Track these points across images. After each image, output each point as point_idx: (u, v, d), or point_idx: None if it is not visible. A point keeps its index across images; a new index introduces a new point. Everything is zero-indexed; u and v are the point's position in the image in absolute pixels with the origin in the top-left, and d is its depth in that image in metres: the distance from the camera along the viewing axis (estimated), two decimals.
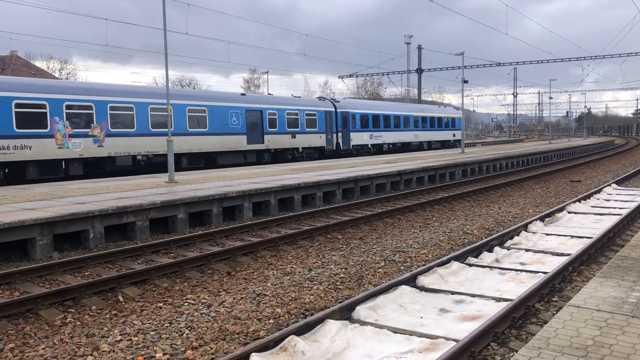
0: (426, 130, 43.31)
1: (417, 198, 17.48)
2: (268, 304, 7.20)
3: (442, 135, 46.25)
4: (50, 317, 6.92)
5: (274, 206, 14.81)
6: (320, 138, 31.98)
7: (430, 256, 9.86)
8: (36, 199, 12.51)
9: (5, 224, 9.35)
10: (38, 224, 9.84)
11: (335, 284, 8.11)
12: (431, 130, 44.03)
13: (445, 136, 46.87)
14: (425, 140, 43.28)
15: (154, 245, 10.32)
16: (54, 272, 8.67)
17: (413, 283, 7.60)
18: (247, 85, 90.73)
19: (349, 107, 35.44)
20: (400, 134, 39.62)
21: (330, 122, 32.82)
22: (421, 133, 42.60)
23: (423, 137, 42.87)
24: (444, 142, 46.89)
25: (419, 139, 42.15)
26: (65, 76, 60.59)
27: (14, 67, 49.49)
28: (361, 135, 35.51)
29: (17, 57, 53.81)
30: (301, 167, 22.98)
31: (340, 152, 33.42)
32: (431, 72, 66.87)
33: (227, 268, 9.23)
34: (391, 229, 12.66)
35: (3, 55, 52.61)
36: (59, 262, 8.96)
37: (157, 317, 6.80)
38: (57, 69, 61.62)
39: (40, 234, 9.89)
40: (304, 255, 10.13)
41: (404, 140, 40.05)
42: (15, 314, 6.91)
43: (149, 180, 17.26)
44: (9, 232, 9.46)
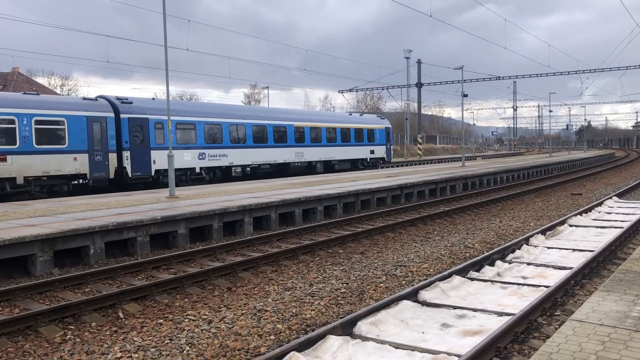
0: (320, 146, 32.38)
1: (418, 212, 17.45)
2: (269, 319, 7.16)
3: (351, 153, 35.14)
4: (50, 334, 6.88)
5: (275, 221, 14.79)
6: (74, 161, 20.44)
7: (431, 270, 9.82)
8: (37, 215, 12.50)
9: (5, 240, 9.34)
10: (38, 240, 9.82)
11: (337, 299, 8.07)
12: (331, 147, 33.19)
13: (358, 153, 35.72)
14: (320, 159, 32.34)
15: (154, 261, 10.29)
16: (54, 289, 8.63)
17: (415, 298, 7.56)
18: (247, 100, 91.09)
19: (150, 110, 23.21)
20: (266, 151, 28.58)
21: (100, 133, 21.28)
22: (310, 150, 31.42)
23: (314, 155, 31.65)
24: (356, 161, 35.76)
25: (305, 158, 30.97)
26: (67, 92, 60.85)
27: (16, 84, 49.73)
28: (179, 155, 23.17)
29: (19, 74, 54.12)
30: (302, 182, 22.98)
31: (129, 180, 22.07)
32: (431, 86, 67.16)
33: (228, 283, 9.19)
34: (392, 243, 12.63)
35: (5, 72, 52.94)
36: (59, 279, 8.93)
37: (157, 334, 6.76)
38: (59, 85, 61.96)
39: (40, 250, 9.87)
40: (305, 270, 10.09)
41: (274, 159, 29.03)
42: (15, 331, 6.88)
43: (149, 196, 17.26)
44: (9, 249, 9.44)
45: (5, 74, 52.71)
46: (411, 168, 37.09)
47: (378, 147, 37.75)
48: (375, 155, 37.38)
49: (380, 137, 38.18)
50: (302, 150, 30.95)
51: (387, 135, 39.24)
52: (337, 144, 33.94)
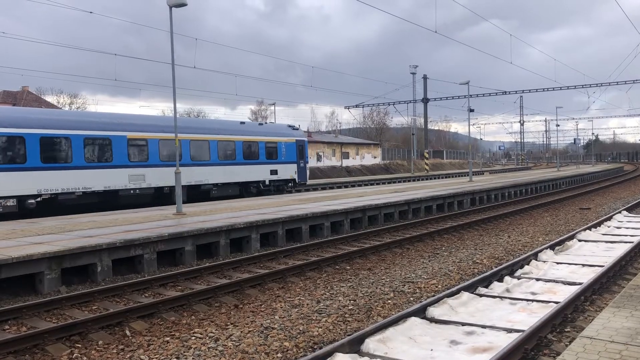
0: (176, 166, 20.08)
1: (426, 227, 17.38)
2: (276, 337, 7.11)
3: (239, 174, 26.65)
4: (57, 352, 6.86)
5: (282, 237, 14.77)
6: None
7: (439, 287, 9.75)
8: (45, 233, 12.55)
9: (13, 258, 9.37)
10: (46, 257, 9.85)
11: (344, 316, 8.01)
12: (201, 166, 24.60)
13: (250, 175, 27.34)
14: (181, 183, 20.14)
15: (161, 278, 10.28)
16: (62, 307, 8.63)
17: (423, 314, 7.50)
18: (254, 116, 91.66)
19: None
20: (68, 175, 19.74)
21: None
22: (158, 172, 22.67)
23: (165, 178, 22.55)
24: (248, 185, 27.33)
25: (148, 182, 22.32)
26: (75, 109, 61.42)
27: (25, 102, 50.31)
28: None
29: (28, 93, 54.79)
30: (309, 197, 22.97)
31: None
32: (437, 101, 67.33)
33: (235, 301, 9.16)
34: (400, 259, 12.56)
35: (14, 91, 53.58)
36: (66, 297, 8.93)
37: (164, 352, 6.73)
38: (67, 103, 62.59)
39: (48, 268, 9.89)
40: (312, 287, 10.04)
41: (85, 186, 20.23)
42: (22, 349, 6.86)
43: (157, 213, 17.30)
44: (17, 267, 9.46)
45: (15, 93, 53.35)
46: (418, 183, 37.02)
47: (284, 166, 29.47)
48: (280, 176, 29.14)
49: (289, 153, 29.96)
50: (143, 172, 22.24)
51: (300, 150, 30.78)
52: (211, 162, 25.22)
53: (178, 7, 16.50)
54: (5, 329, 7.69)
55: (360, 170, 68.37)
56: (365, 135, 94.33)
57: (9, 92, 53.13)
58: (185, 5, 16.36)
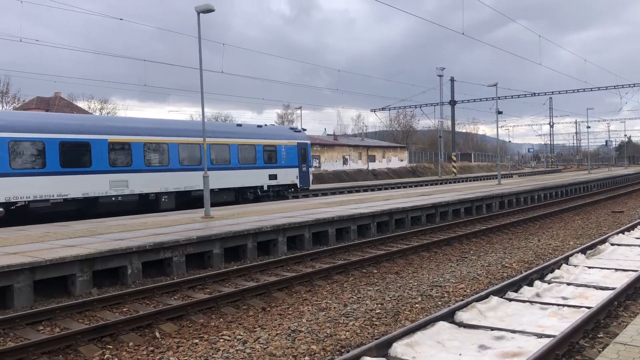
0: (164, 171, 22.32)
1: (454, 231, 17.22)
2: (303, 340, 7.13)
3: (234, 179, 24.97)
4: (89, 353, 7.00)
5: (308, 240, 14.80)
6: None
7: (468, 291, 9.65)
8: (77, 236, 12.81)
9: (47, 260, 9.59)
10: (78, 260, 10.06)
11: (371, 320, 7.99)
12: (190, 171, 23.04)
13: (247, 180, 25.74)
14: (165, 189, 22.13)
15: (190, 281, 10.40)
16: (93, 308, 8.80)
17: (451, 319, 7.43)
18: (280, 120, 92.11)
19: None
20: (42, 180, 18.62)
21: None
22: (143, 177, 21.55)
23: (151, 183, 21.73)
24: (244, 190, 25.69)
25: (131, 188, 21.05)
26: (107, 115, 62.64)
27: (58, 108, 51.55)
28: None
29: (61, 98, 56.13)
30: (335, 201, 22.98)
31: None
32: (464, 103, 66.67)
33: (262, 303, 9.21)
34: (427, 263, 12.47)
35: (48, 97, 54.93)
36: (97, 298, 9.11)
37: (193, 354, 6.81)
38: (98, 108, 63.85)
39: (80, 271, 10.10)
40: (339, 291, 10.04)
41: (59, 193, 18.98)
42: (56, 349, 7.02)
43: (185, 216, 17.52)
44: (50, 269, 9.69)
45: (48, 99, 54.71)
46: (446, 186, 36.70)
47: (284, 170, 27.95)
48: (280, 181, 27.58)
49: (290, 157, 28.35)
50: (126, 178, 21.01)
51: (302, 153, 29.18)
52: (201, 167, 21.46)
53: (206, 12, 16.71)
54: (39, 330, 7.88)
55: (386, 173, 68.10)
56: (392, 138, 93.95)
57: (42, 98, 54.52)
58: (213, 10, 16.56)
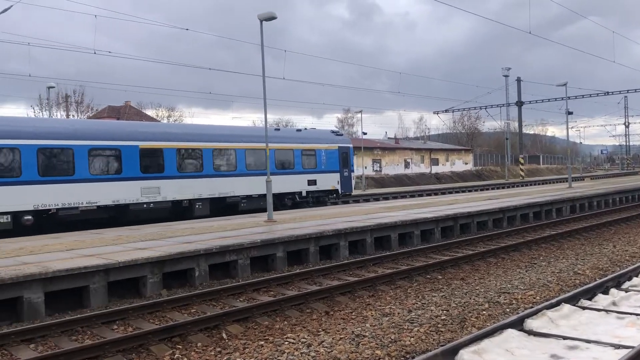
0: (198, 177, 21.87)
1: (522, 236, 16.67)
2: (367, 345, 7.09)
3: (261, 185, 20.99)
4: (160, 352, 7.24)
5: (371, 245, 14.73)
6: None
7: (538, 298, 9.31)
8: (147, 239, 13.31)
9: (120, 262, 10.02)
10: (149, 262, 10.44)
11: (437, 326, 7.85)
12: (224, 177, 22.76)
13: (284, 185, 24.54)
14: (199, 196, 21.68)
15: (254, 284, 10.58)
16: (163, 309, 9.10)
17: (520, 326, 7.19)
18: (340, 124, 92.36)
19: None
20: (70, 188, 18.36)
21: None
22: (176, 183, 21.10)
23: (184, 190, 21.29)
24: (281, 196, 24.40)
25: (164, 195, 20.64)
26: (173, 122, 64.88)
27: (127, 116, 53.89)
28: None
29: (130, 107, 58.63)
30: (397, 205, 22.77)
31: None
32: (532, 104, 64.62)
33: (325, 307, 9.24)
34: (494, 269, 12.13)
35: (118, 106, 57.52)
36: (167, 299, 9.42)
37: (259, 355, 6.91)
38: (165, 116, 66.21)
39: (151, 272, 10.48)
40: (402, 296, 9.93)
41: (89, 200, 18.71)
42: (129, 348, 7.31)
43: (249, 220, 17.85)
44: (123, 270, 10.11)
45: (119, 107, 57.28)
46: (513, 190, 35.63)
47: (324, 176, 26.81)
48: (319, 186, 26.50)
49: (330, 161, 27.19)
50: (158, 185, 20.64)
51: (344, 157, 27.97)
52: (238, 172, 23.36)
53: (268, 20, 17.00)
54: (114, 329, 8.23)
55: (450, 176, 66.88)
56: (456, 140, 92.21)
57: (113, 107, 57.15)
58: (275, 18, 16.84)
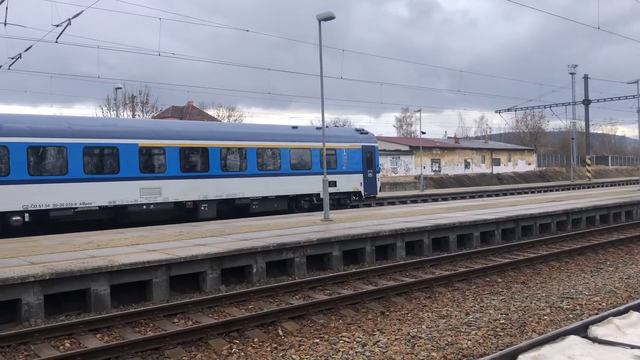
0: (202, 177, 20.80)
1: (588, 239, 16.01)
2: (423, 346, 7.01)
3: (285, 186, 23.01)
4: (218, 346, 7.42)
5: (428, 246, 14.53)
6: None
7: (604, 304, 8.92)
8: (207, 236, 13.65)
9: (181, 258, 10.33)
10: (209, 258, 10.71)
11: (495, 330, 7.67)
12: (233, 177, 21.65)
13: (301, 186, 23.62)
14: (204, 197, 20.64)
15: (310, 282, 10.65)
16: (221, 304, 9.31)
17: (584, 333, 6.91)
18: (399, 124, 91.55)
19: None
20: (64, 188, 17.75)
21: None
22: (178, 184, 20.14)
23: (187, 191, 20.33)
24: (298, 198, 23.57)
25: (165, 196, 19.72)
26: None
27: (190, 116, 55.46)
28: None
29: (193, 107, 60.29)
30: (456, 206, 22.35)
31: None
32: (600, 102, 61.98)
33: (381, 307, 9.20)
34: (557, 273, 11.72)
35: (181, 106, 59.25)
36: (225, 295, 9.63)
37: (314, 353, 6.96)
38: (226, 116, 67.59)
39: (210, 268, 10.74)
40: (460, 298, 9.75)
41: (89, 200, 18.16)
42: (189, 341, 7.53)
43: (306, 219, 17.99)
44: (184, 266, 10.42)
45: (182, 108, 59.01)
46: (578, 192, 34.27)
47: (346, 177, 25.27)
48: (340, 188, 24.88)
49: (352, 161, 25.71)
50: (159, 185, 19.66)
51: (368, 157, 26.25)
52: (248, 172, 22.08)
53: (327, 20, 17.07)
54: (174, 322, 8.50)
55: (512, 177, 65.03)
56: (518, 140, 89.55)
57: (177, 107, 58.93)
58: (334, 17, 16.88)
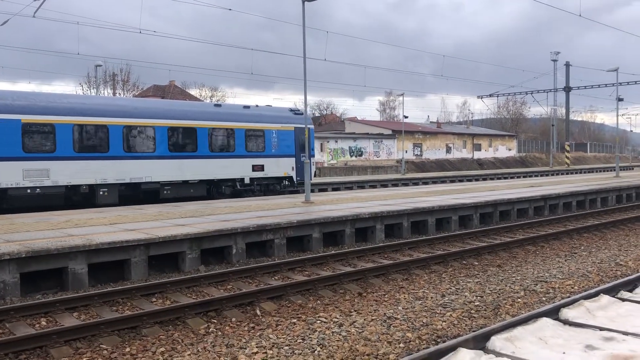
0: (98, 159, 18.49)
1: (564, 225, 16.30)
2: (399, 327, 7.12)
3: (201, 169, 20.88)
4: (196, 325, 7.46)
5: (407, 229, 14.67)
6: None
7: (576, 288, 9.13)
8: (187, 216, 13.61)
9: (160, 237, 10.31)
10: (188, 239, 10.70)
11: (470, 312, 7.81)
12: (136, 159, 19.37)
13: (221, 170, 21.46)
14: (94, 181, 18.27)
15: (289, 263, 10.71)
16: (200, 284, 9.34)
17: (556, 315, 7.08)
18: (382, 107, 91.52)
19: None
20: None
21: None
22: (76, 165, 17.97)
23: (81, 173, 18.03)
24: (218, 184, 21.59)
25: (55, 180, 17.51)
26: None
27: (172, 95, 54.81)
28: None
29: (175, 86, 59.57)
30: (436, 190, 22.55)
31: None
32: (580, 89, 62.57)
33: (359, 289, 9.30)
34: (533, 257, 11.93)
35: (163, 85, 58.52)
36: (204, 275, 9.65)
37: (291, 333, 7.04)
38: (208, 96, 66.94)
39: (189, 248, 10.74)
40: (436, 281, 9.89)
41: None
42: (166, 320, 7.55)
43: (286, 200, 18.01)
44: (163, 246, 10.40)
45: (164, 87, 58.28)
46: (557, 178, 34.77)
47: (275, 160, 23.12)
48: (268, 173, 22.86)
49: (283, 144, 23.48)
50: (47, 167, 17.42)
51: (302, 140, 22.82)
52: (157, 154, 19.71)
53: (311, 0, 16.92)
54: (152, 301, 8.50)
55: (493, 162, 65.67)
56: (500, 126, 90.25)
57: (158, 87, 58.18)
58: None
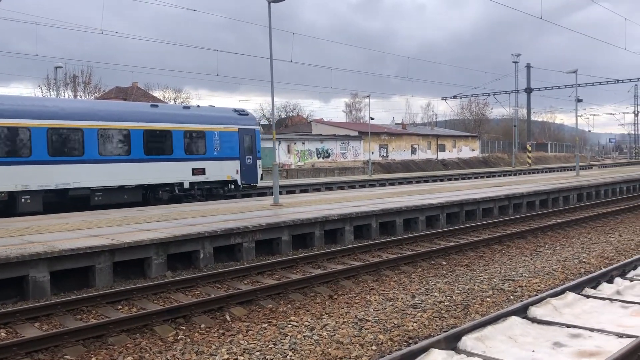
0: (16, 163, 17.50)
1: (528, 224, 16.62)
2: (370, 329, 7.11)
3: (137, 175, 20.15)
4: (164, 333, 7.29)
5: (376, 230, 14.72)
6: None
7: (542, 286, 9.29)
8: (152, 220, 13.35)
9: (125, 243, 10.06)
10: (154, 244, 10.48)
11: (440, 312, 7.86)
12: (75, 163, 18.70)
13: (160, 175, 20.75)
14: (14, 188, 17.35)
15: (259, 267, 10.60)
16: (167, 290, 9.14)
17: (524, 314, 7.18)
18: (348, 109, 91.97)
19: None
20: None
21: None
22: None
23: None
24: (155, 189, 20.77)
25: None
26: None
27: (134, 97, 53.88)
28: None
29: (137, 88, 58.60)
30: (403, 191, 22.72)
31: None
32: (541, 91, 64.14)
33: (329, 291, 9.26)
34: (499, 256, 12.11)
35: (126, 87, 57.50)
36: (171, 281, 9.46)
37: (262, 338, 6.94)
38: (172, 97, 66.08)
39: (155, 254, 10.52)
40: (406, 281, 9.93)
41: None
42: (133, 328, 7.36)
43: (255, 203, 17.87)
44: (128, 251, 10.15)
45: (126, 89, 57.27)
46: (520, 177, 35.49)
47: (218, 164, 22.49)
48: (209, 176, 22.18)
49: (227, 146, 22.88)
50: None
51: (249, 142, 23.46)
52: (86, 158, 18.80)
53: (276, 2, 16.84)
54: (118, 309, 8.28)
55: (457, 163, 66.66)
56: (463, 127, 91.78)
57: (121, 88, 57.13)
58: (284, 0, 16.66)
